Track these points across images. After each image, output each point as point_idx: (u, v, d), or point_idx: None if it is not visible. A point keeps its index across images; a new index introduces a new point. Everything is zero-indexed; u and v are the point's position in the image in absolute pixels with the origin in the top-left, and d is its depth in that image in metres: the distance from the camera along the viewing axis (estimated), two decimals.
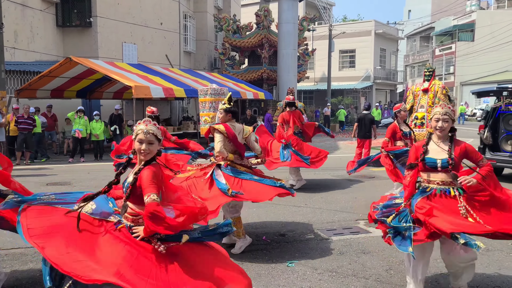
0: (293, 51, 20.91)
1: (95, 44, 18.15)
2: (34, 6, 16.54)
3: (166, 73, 16.67)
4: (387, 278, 4.27)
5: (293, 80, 20.93)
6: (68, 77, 14.86)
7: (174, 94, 14.84)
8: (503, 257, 4.82)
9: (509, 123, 9.48)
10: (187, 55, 24.02)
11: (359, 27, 37.65)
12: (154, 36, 20.89)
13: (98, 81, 15.97)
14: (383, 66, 39.63)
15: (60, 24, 17.94)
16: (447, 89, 11.73)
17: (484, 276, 4.30)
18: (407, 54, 51.01)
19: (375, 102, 32.25)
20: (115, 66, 14.98)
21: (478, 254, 4.88)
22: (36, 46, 16.61)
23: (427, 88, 11.37)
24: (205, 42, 25.38)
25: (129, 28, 19.55)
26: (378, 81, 38.15)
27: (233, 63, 23.26)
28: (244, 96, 18.03)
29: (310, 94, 38.75)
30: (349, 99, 36.15)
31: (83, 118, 13.44)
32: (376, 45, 37.54)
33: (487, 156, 9.46)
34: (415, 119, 11.52)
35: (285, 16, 20.42)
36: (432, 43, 46.11)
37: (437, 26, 44.09)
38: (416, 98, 11.62)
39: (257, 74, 22.16)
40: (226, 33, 22.74)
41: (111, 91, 17.31)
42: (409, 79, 47.35)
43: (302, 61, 24.10)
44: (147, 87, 13.62)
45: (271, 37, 21.98)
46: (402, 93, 40.28)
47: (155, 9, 20.79)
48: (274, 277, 4.32)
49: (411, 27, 49.10)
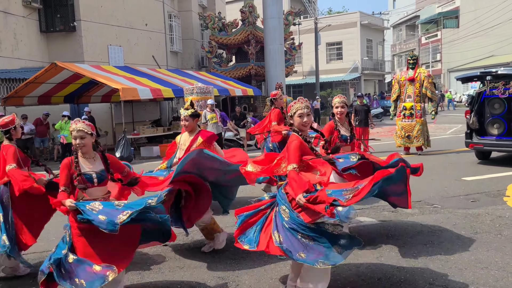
0: (280, 46, 20.92)
1: (80, 48, 18.04)
2: (17, 12, 16.39)
3: (153, 74, 16.63)
4: (378, 265, 4.34)
5: (281, 75, 20.94)
6: (54, 83, 14.77)
7: (162, 94, 14.81)
8: (491, 239, 4.91)
9: (494, 107, 9.59)
10: (174, 55, 23.94)
11: (344, 19, 37.75)
12: (140, 38, 20.80)
13: (85, 85, 15.88)
14: (370, 56, 39.78)
15: (43, 30, 17.79)
16: (433, 77, 11.84)
17: (473, 258, 4.38)
18: (394, 43, 51.23)
19: (364, 93, 32.39)
20: (101, 69, 14.92)
21: (467, 236, 4.99)
22: (20, 53, 16.47)
23: (412, 77, 11.47)
24: (191, 41, 25.31)
25: (114, 30, 19.44)
26: (366, 72, 38.30)
27: (221, 61, 23.22)
28: (233, 93, 18.03)
29: (299, 88, 38.81)
30: (338, 91, 36.24)
31: (69, 123, 13.35)
32: (362, 36, 37.67)
33: (474, 141, 9.60)
34: (404, 110, 11.62)
35: (269, 11, 20.40)
36: (418, 31, 46.34)
37: (422, 14, 44.29)
38: (403, 87, 11.72)
39: (245, 71, 22.15)
40: (212, 31, 22.68)
41: (99, 94, 17.23)
42: (396, 69, 47.55)
43: (289, 56, 24.12)
44: (134, 89, 13.58)
45: (257, 33, 21.97)
46: (391, 82, 40.52)
47: (139, 10, 20.68)
48: (267, 270, 4.37)
49: (396, 16, 49.32)
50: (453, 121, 21.94)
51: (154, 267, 4.61)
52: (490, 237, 4.96)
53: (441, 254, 4.52)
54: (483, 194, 6.96)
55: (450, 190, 7.34)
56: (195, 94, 13.45)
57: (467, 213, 5.93)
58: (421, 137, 11.35)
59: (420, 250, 4.69)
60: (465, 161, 10.09)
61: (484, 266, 4.18)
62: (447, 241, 4.91)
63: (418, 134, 11.35)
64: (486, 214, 5.85)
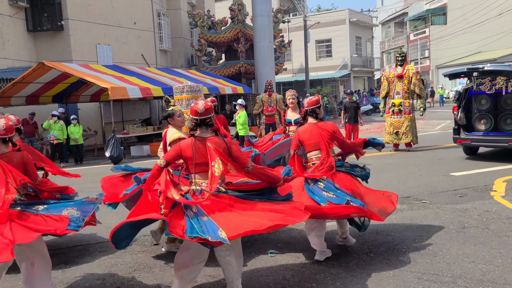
0: (269, 44, 20.93)
1: (68, 47, 17.87)
2: (3, 12, 16.19)
3: (143, 73, 16.55)
4: (367, 261, 4.38)
5: (271, 73, 20.96)
6: (42, 82, 14.63)
7: (152, 93, 14.74)
8: (479, 233, 4.98)
9: (481, 103, 9.71)
10: (163, 53, 23.84)
11: (333, 17, 37.86)
12: (129, 36, 20.67)
13: (74, 85, 15.75)
14: (360, 54, 39.97)
15: (30, 29, 17.59)
16: (421, 73, 11.96)
17: (461, 252, 4.44)
18: (383, 40, 51.49)
19: (354, 90, 32.53)
20: (90, 68, 14.81)
21: (455, 231, 5.06)
22: (7, 52, 16.27)
23: (401, 74, 11.58)
24: (180, 39, 25.21)
25: (102, 29, 19.29)
26: (356, 69, 38.48)
27: (210, 59, 23.17)
28: (223, 92, 18.01)
29: (289, 85, 38.77)
30: (328, 88, 36.39)
31: (58, 123, 13.26)
32: (351, 33, 37.84)
33: (462, 136, 9.71)
34: (393, 106, 11.73)
35: (259, 9, 20.39)
36: (406, 28, 46.64)
37: (410, 11, 44.59)
38: (391, 84, 11.84)
39: (234, 69, 22.13)
40: (201, 29, 22.61)
41: (88, 94, 17.10)
42: (386, 66, 47.82)
43: (279, 53, 24.13)
44: (123, 88, 13.51)
45: (247, 31, 21.95)
46: (380, 79, 40.75)
47: (127, 8, 20.55)
48: (257, 268, 4.39)
49: (384, 13, 49.56)
50: (442, 117, 22.15)
51: (144, 266, 4.61)
52: (477, 232, 5.03)
53: (429, 249, 4.58)
54: (471, 189, 7.05)
55: (439, 186, 7.42)
56: (186, 92, 13.38)
57: (455, 208, 6.01)
58: (410, 133, 11.46)
59: (409, 245, 4.74)
60: (453, 157, 10.20)
61: (472, 260, 4.24)
62: (436, 236, 4.97)
63: (406, 130, 11.45)
64: (473, 209, 5.93)
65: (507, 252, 4.37)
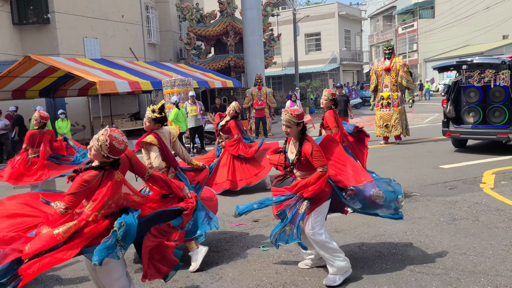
0: (259, 37, 20.84)
1: (55, 40, 17.60)
2: None
3: (131, 67, 16.38)
4: (360, 254, 4.39)
5: (261, 66, 20.89)
6: (29, 76, 14.39)
7: (141, 87, 14.61)
8: (469, 225, 5.02)
9: (470, 95, 9.77)
10: (151, 47, 23.61)
11: (322, 10, 37.84)
12: (116, 30, 20.42)
13: (61, 79, 15.53)
14: (349, 47, 40.03)
15: (16, 22, 17.28)
16: (408, 65, 12.01)
17: (452, 244, 4.47)
18: (371, 34, 51.70)
19: (343, 83, 32.61)
20: (77, 62, 14.61)
21: (446, 223, 5.09)
22: None
23: (388, 67, 11.63)
24: (169, 32, 24.97)
25: (90, 22, 19.02)
26: (345, 62, 38.55)
27: (200, 53, 23.02)
28: (212, 85, 17.91)
29: (278, 79, 38.84)
30: (317, 81, 36.42)
31: (66, 121, 13.17)
32: (340, 27, 37.86)
33: (451, 129, 9.78)
34: (381, 99, 11.79)
35: (248, 2, 20.27)
36: (394, 22, 46.83)
37: (399, 5, 44.78)
38: (380, 77, 11.90)
39: (224, 62, 22.02)
40: (190, 22, 22.42)
41: (76, 88, 16.88)
42: (374, 59, 48.03)
43: (268, 47, 24.08)
44: (112, 82, 13.36)
45: (236, 24, 21.83)
46: (369, 73, 40.92)
47: (115, 1, 20.27)
48: (250, 261, 4.38)
49: (373, 7, 49.73)
50: (430, 110, 22.31)
51: (137, 261, 4.56)
52: (467, 224, 5.07)
53: (421, 241, 4.60)
54: (460, 182, 7.11)
55: (429, 178, 7.47)
56: (177, 86, 13.32)
57: (445, 200, 6.05)
58: (399, 125, 11.52)
59: (401, 238, 4.76)
60: (443, 149, 10.28)
61: (463, 251, 4.27)
62: (426, 228, 5.00)
63: (396, 123, 11.51)
64: (463, 201, 5.98)
65: (497, 244, 4.41)
